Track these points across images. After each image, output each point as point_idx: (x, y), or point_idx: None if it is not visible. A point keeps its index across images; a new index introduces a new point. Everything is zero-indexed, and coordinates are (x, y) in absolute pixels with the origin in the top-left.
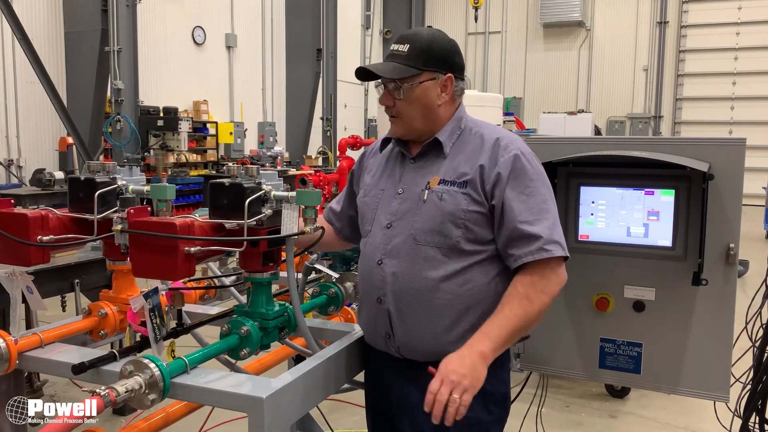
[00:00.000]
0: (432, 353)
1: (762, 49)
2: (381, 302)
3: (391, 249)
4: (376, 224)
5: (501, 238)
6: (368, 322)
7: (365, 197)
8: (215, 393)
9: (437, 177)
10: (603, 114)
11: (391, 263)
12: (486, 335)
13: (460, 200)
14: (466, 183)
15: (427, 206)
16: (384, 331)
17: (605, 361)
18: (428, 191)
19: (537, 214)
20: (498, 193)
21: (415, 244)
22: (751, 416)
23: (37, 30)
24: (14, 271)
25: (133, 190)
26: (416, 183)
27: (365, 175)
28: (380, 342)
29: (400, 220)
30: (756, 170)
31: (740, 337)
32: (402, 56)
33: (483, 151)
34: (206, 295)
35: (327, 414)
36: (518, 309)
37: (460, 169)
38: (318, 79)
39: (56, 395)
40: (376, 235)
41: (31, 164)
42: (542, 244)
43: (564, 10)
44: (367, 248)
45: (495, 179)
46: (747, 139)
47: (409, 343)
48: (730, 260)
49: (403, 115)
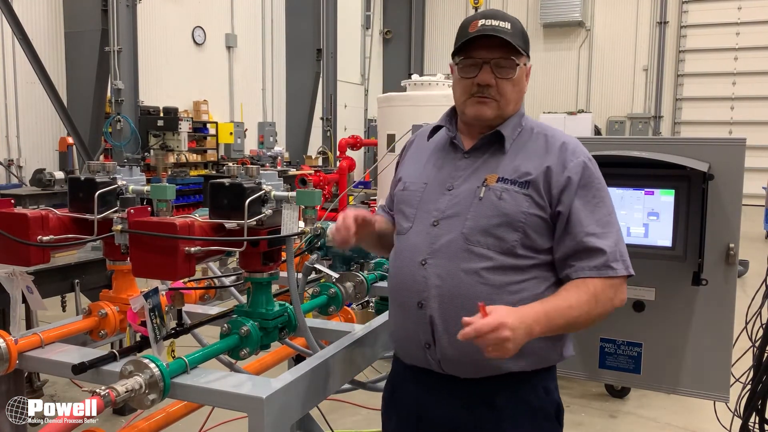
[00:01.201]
0: (477, 367)
1: (762, 49)
2: (422, 307)
3: (438, 248)
4: (419, 221)
5: (563, 248)
6: (403, 329)
7: (404, 191)
8: (215, 393)
9: (495, 174)
10: (603, 114)
11: (436, 264)
12: (545, 315)
13: (521, 201)
14: (528, 183)
15: (482, 205)
16: (424, 340)
17: (605, 361)
18: (485, 188)
19: (604, 227)
20: (566, 199)
21: (466, 245)
22: (751, 416)
23: (37, 30)
24: (14, 271)
25: (133, 190)
26: (470, 179)
27: (404, 167)
28: (417, 354)
29: (450, 218)
30: (756, 170)
31: (740, 337)
32: (508, 33)
33: (549, 153)
34: (206, 295)
35: (327, 414)
36: (584, 306)
37: (522, 169)
38: (318, 79)
39: (56, 395)
40: (418, 233)
41: (31, 164)
42: (607, 260)
43: (564, 10)
44: (404, 246)
45: (564, 184)
46: (747, 139)
47: (453, 354)
48: (730, 260)
49: (503, 96)
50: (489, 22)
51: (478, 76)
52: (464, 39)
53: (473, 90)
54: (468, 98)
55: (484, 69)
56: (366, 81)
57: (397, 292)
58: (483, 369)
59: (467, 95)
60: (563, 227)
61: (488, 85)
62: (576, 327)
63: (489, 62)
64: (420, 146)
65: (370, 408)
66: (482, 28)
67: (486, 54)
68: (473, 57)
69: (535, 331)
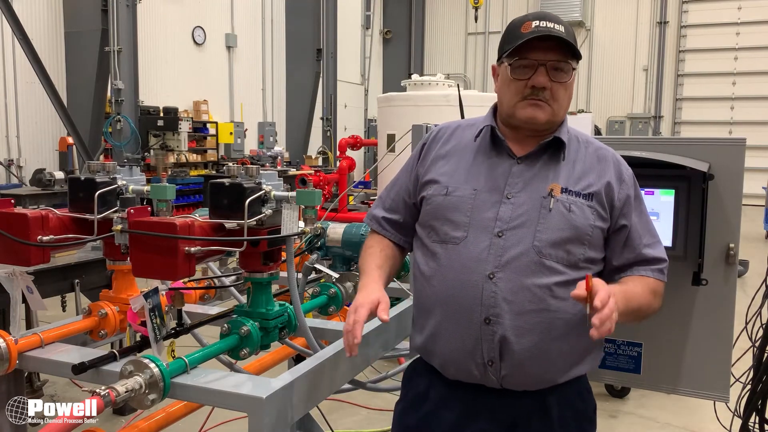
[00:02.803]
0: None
1: (762, 49)
2: (489, 323)
3: (507, 261)
4: (475, 230)
5: (621, 259)
6: (459, 348)
7: (448, 196)
8: (215, 393)
9: (558, 184)
10: (603, 114)
11: (507, 278)
12: (625, 296)
13: (588, 214)
14: (592, 196)
15: (553, 216)
16: (487, 357)
17: (605, 361)
18: (553, 199)
19: (654, 236)
20: (629, 213)
21: (538, 258)
22: (751, 416)
23: (37, 30)
24: (14, 271)
25: (133, 190)
26: (529, 188)
27: (436, 168)
28: (472, 370)
29: (517, 228)
30: (756, 170)
31: (740, 337)
32: (564, 35)
33: (603, 164)
34: (206, 295)
35: (327, 414)
36: (648, 296)
37: (584, 180)
38: (318, 79)
39: (56, 395)
40: (478, 244)
41: (31, 164)
42: (663, 266)
43: (564, 10)
44: (461, 258)
45: (626, 199)
46: (747, 139)
47: (519, 370)
48: (730, 260)
49: (557, 101)
50: (544, 24)
51: (532, 78)
52: (520, 40)
53: (526, 92)
54: (520, 100)
55: (540, 71)
56: (366, 81)
57: (452, 306)
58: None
59: (519, 97)
60: (623, 240)
61: (543, 88)
62: (640, 316)
63: (545, 64)
64: (451, 146)
65: (370, 408)
66: (537, 29)
67: (541, 56)
68: (528, 58)
69: (621, 308)
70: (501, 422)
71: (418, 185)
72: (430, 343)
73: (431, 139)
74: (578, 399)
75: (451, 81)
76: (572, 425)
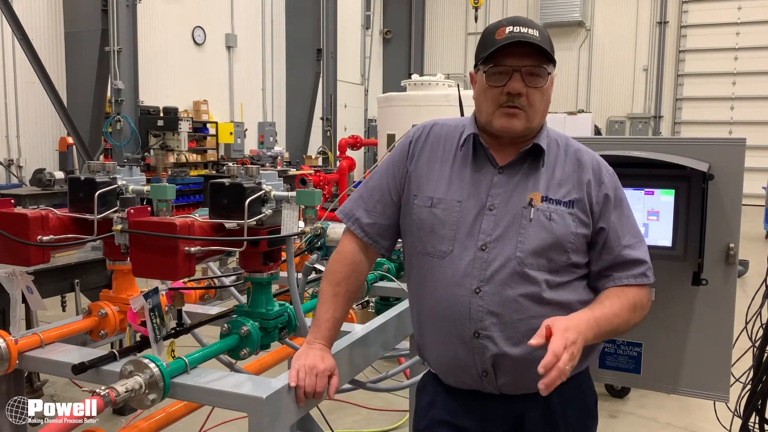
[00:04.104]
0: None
1: (762, 49)
2: (479, 336)
3: (492, 275)
4: (460, 244)
5: (601, 262)
6: (452, 360)
7: (433, 208)
8: (215, 393)
9: (538, 193)
10: (603, 114)
11: (493, 291)
12: (596, 323)
13: (569, 222)
14: (573, 203)
15: (533, 227)
16: (481, 369)
17: (605, 361)
18: (533, 209)
19: (635, 236)
20: (606, 214)
21: (521, 268)
22: (751, 416)
23: (37, 30)
24: (14, 271)
25: (133, 190)
26: (513, 198)
27: (422, 181)
28: (470, 381)
29: (499, 241)
30: (756, 170)
31: (740, 337)
32: (537, 40)
33: (582, 168)
34: (206, 295)
35: (327, 414)
36: (626, 313)
37: (564, 186)
38: (318, 79)
39: (56, 395)
40: (462, 258)
41: (31, 164)
42: (645, 269)
43: (564, 10)
44: (449, 272)
45: (604, 200)
46: (747, 139)
47: (514, 379)
48: (730, 260)
49: (532, 107)
50: (517, 29)
51: (508, 85)
52: (494, 47)
53: (501, 100)
54: (496, 109)
55: (514, 77)
56: (366, 81)
57: (443, 322)
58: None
59: (495, 106)
60: (602, 242)
61: (519, 94)
62: (618, 334)
63: (519, 70)
64: (432, 156)
65: (370, 408)
66: (511, 35)
67: (516, 62)
68: (503, 65)
69: (589, 339)
70: (504, 421)
71: (409, 183)
72: (426, 353)
73: (416, 139)
74: (579, 394)
75: (451, 81)
76: (574, 421)
